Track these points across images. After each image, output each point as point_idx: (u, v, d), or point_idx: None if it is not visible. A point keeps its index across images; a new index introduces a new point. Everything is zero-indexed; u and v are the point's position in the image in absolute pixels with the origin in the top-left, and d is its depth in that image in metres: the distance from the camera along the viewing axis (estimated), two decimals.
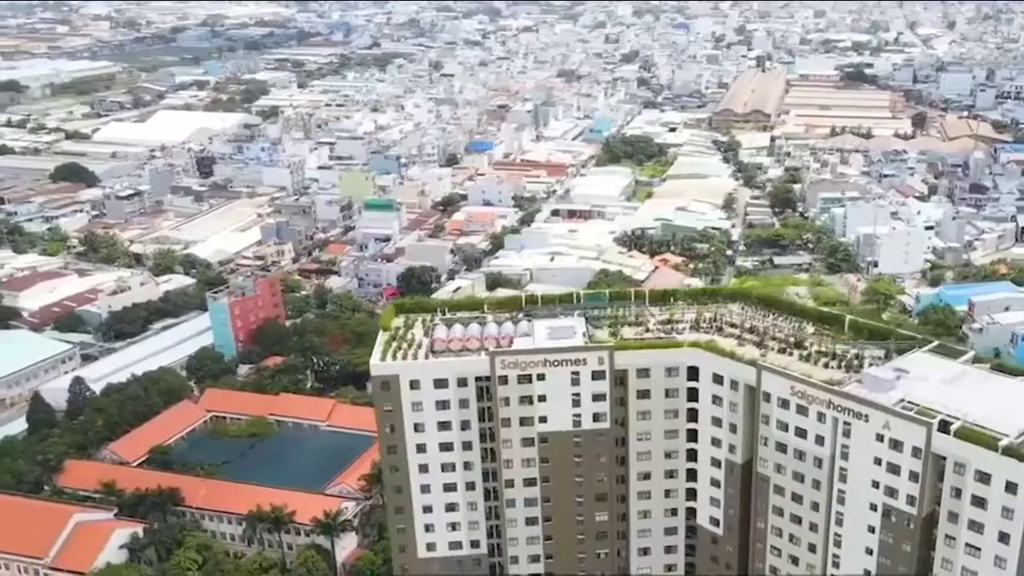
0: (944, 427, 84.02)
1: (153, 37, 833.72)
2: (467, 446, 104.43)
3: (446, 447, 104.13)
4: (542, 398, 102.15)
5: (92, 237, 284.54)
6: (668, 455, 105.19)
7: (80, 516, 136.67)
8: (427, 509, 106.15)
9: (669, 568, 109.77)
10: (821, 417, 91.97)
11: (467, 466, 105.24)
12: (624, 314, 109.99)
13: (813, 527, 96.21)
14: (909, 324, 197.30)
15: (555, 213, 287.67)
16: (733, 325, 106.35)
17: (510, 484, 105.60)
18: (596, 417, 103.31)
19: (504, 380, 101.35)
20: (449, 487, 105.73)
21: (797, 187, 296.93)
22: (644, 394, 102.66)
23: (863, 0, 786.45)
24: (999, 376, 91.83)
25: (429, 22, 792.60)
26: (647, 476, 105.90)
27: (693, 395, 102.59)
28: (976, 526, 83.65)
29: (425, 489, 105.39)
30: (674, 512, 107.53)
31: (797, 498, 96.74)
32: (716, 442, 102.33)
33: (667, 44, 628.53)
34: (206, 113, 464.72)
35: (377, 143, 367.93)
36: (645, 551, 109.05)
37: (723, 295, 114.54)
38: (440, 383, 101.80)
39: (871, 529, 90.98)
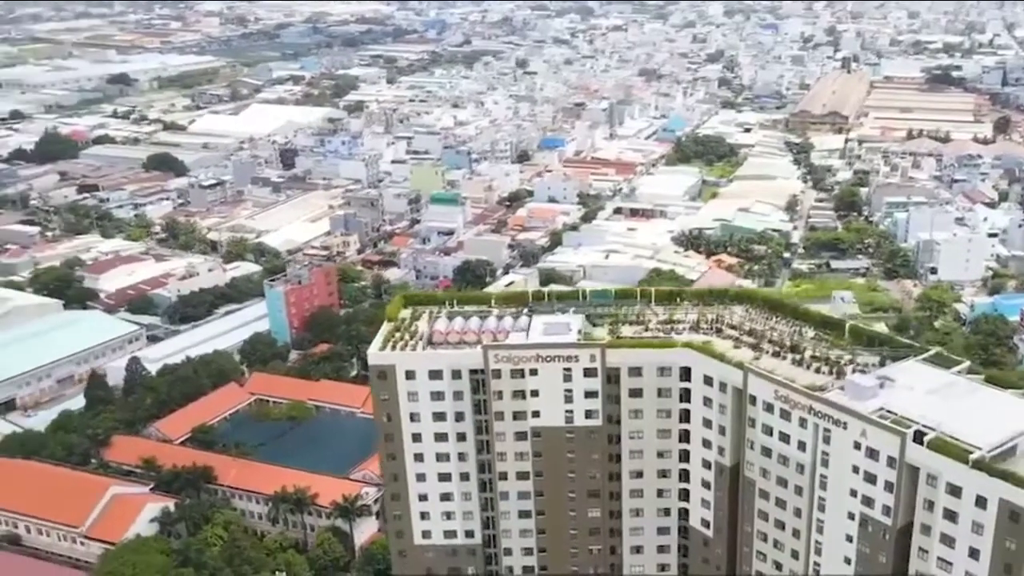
0: (919, 437, 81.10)
1: (259, 33, 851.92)
2: (461, 437, 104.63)
3: (441, 437, 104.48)
4: (535, 393, 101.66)
5: (173, 224, 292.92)
6: (661, 454, 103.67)
7: (116, 489, 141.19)
8: (423, 497, 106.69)
9: (662, 568, 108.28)
10: (803, 423, 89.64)
11: (461, 457, 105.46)
12: (626, 313, 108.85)
13: (796, 533, 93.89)
14: (959, 333, 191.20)
15: (618, 211, 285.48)
16: (733, 327, 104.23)
17: (503, 477, 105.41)
18: (588, 414, 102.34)
19: (497, 374, 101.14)
20: (444, 477, 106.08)
21: (864, 191, 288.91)
22: (636, 393, 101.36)
23: (960, 0, 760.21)
24: (989, 388, 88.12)
25: (521, 20, 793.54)
26: (639, 474, 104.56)
27: (686, 396, 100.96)
28: (948, 540, 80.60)
29: (421, 478, 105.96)
30: (667, 512, 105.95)
31: (781, 503, 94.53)
32: (707, 444, 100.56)
33: (753, 44, 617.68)
34: (295, 107, 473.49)
35: (453, 138, 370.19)
36: (638, 549, 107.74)
37: (730, 297, 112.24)
38: (435, 374, 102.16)
39: (849, 538, 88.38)
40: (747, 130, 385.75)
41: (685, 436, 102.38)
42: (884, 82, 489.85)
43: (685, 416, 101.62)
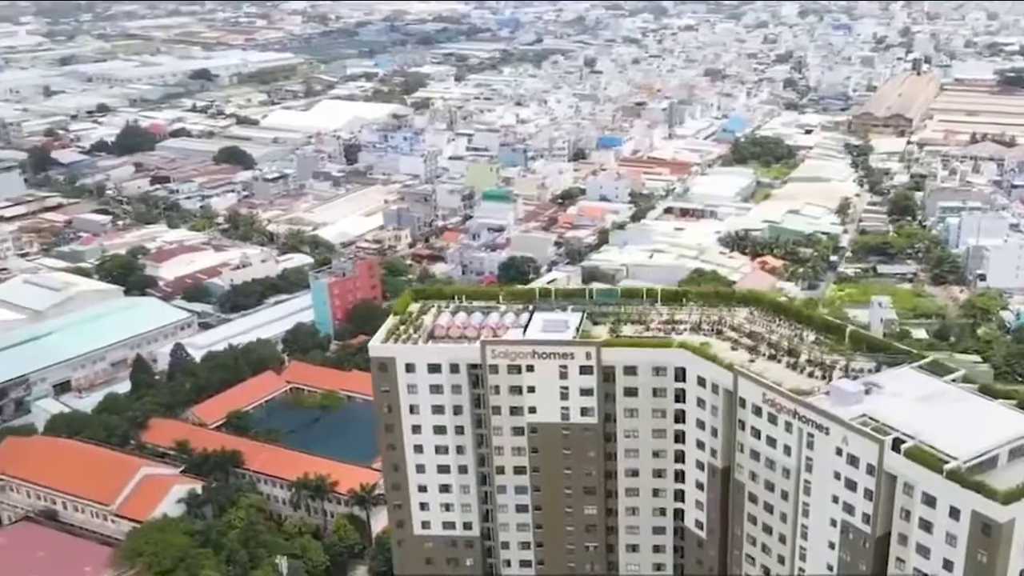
0: (898, 445, 78.95)
1: (338, 31, 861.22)
2: (459, 430, 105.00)
3: (440, 430, 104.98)
4: (531, 389, 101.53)
5: (235, 215, 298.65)
6: (656, 454, 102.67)
7: (147, 470, 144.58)
8: (422, 488, 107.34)
9: (658, 567, 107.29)
10: (788, 427, 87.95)
11: (460, 450, 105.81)
12: (628, 312, 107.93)
13: (782, 538, 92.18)
14: (1002, 341, 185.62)
15: (668, 211, 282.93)
16: (735, 329, 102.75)
17: (501, 471, 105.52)
18: (584, 411, 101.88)
19: (495, 369, 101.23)
20: (443, 469, 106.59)
21: (919, 195, 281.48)
22: (631, 392, 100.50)
23: None
24: (980, 398, 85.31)
25: (594, 19, 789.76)
26: (635, 473, 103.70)
27: (682, 396, 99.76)
28: (924, 550, 78.36)
29: (420, 469, 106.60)
30: (663, 512, 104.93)
31: (768, 507, 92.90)
32: (700, 445, 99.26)
33: (823, 45, 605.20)
34: (363, 103, 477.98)
35: (513, 136, 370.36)
36: (634, 548, 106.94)
37: (736, 299, 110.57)
38: (434, 368, 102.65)
39: (831, 545, 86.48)
40: (808, 132, 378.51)
41: (681, 437, 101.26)
42: (954, 84, 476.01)
43: (681, 417, 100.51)
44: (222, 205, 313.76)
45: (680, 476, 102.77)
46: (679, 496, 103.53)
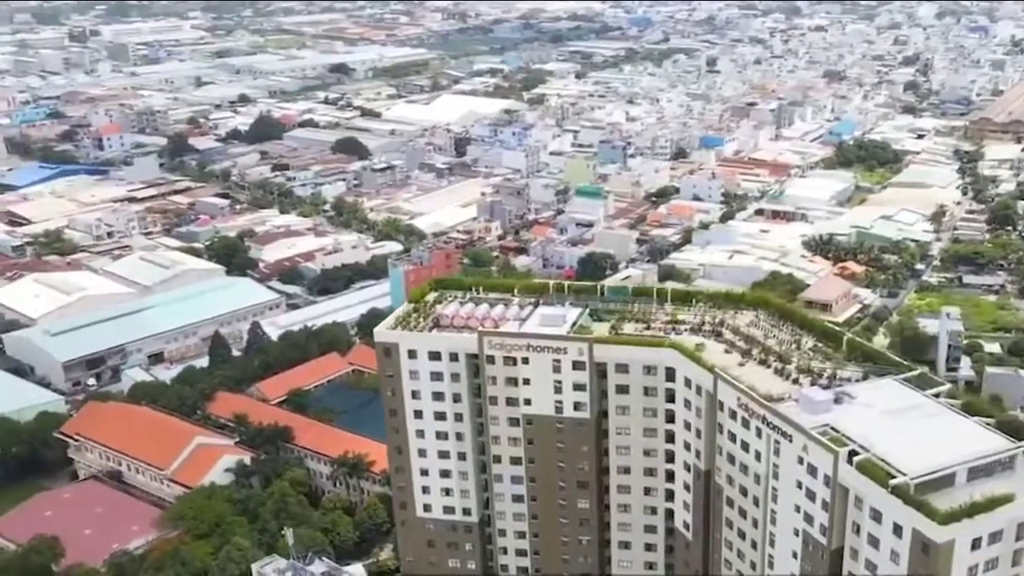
0: (852, 458, 75.52)
1: (474, 28, 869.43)
2: (459, 417, 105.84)
3: (440, 416, 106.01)
4: (526, 381, 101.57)
5: (341, 203, 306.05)
6: (647, 453, 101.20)
7: (201, 439, 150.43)
8: (424, 472, 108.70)
9: (649, 566, 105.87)
10: (759, 432, 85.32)
11: (459, 437, 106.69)
12: (632, 310, 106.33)
13: (754, 544, 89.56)
14: None
15: (759, 212, 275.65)
16: (735, 332, 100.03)
17: (498, 460, 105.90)
18: (577, 406, 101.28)
19: (492, 360, 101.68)
20: (443, 454, 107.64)
21: (1022, 204, 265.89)
22: (623, 389, 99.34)
23: None
24: (955, 414, 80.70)
25: (724, 19, 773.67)
26: (627, 470, 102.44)
27: (673, 396, 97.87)
28: (871, 566, 74.96)
29: (422, 453, 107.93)
30: (654, 511, 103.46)
31: (743, 512, 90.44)
32: (687, 446, 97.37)
33: (955, 47, 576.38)
34: (482, 98, 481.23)
35: (619, 133, 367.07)
36: (626, 545, 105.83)
37: (746, 302, 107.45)
38: (434, 355, 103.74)
39: (794, 555, 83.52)
40: (920, 136, 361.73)
41: (672, 437, 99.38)
42: None
43: (672, 417, 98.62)
44: (332, 193, 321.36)
45: (671, 476, 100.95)
46: (670, 496, 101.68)
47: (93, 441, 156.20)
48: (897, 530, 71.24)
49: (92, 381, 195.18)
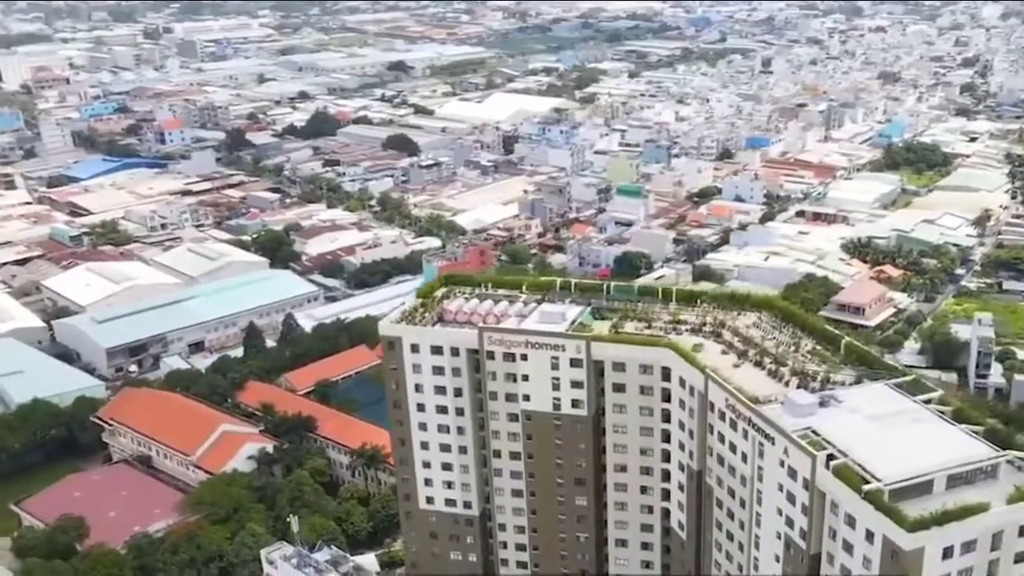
0: (829, 462, 74.08)
1: (534, 27, 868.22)
2: (460, 412, 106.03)
3: (442, 410, 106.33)
4: (525, 377, 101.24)
5: (386, 199, 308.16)
6: (644, 451, 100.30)
7: (226, 426, 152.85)
8: (426, 464, 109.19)
9: (646, 565, 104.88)
10: (746, 434, 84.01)
11: (460, 431, 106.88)
12: (635, 309, 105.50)
13: (741, 547, 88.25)
14: None
15: (800, 214, 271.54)
16: (735, 333, 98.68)
17: (497, 455, 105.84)
18: (575, 403, 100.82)
19: (491, 355, 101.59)
20: (445, 448, 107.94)
21: None
22: (620, 388, 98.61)
23: None
24: (942, 421, 78.59)
25: (783, 20, 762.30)
26: (623, 469, 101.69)
27: (669, 396, 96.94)
28: (845, 571, 73.44)
29: (424, 446, 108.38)
30: (650, 510, 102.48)
31: (731, 514, 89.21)
32: (681, 446, 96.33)
33: (1017, 49, 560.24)
34: (534, 97, 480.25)
35: (667, 133, 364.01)
36: (623, 543, 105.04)
37: (750, 303, 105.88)
38: (436, 350, 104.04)
39: (777, 559, 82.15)
40: (972, 139, 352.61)
41: (668, 436, 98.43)
42: None
43: (668, 416, 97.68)
44: (379, 188, 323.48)
45: (667, 475, 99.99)
46: (666, 495, 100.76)
47: (126, 426, 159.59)
48: (869, 536, 69.75)
49: (134, 368, 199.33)
